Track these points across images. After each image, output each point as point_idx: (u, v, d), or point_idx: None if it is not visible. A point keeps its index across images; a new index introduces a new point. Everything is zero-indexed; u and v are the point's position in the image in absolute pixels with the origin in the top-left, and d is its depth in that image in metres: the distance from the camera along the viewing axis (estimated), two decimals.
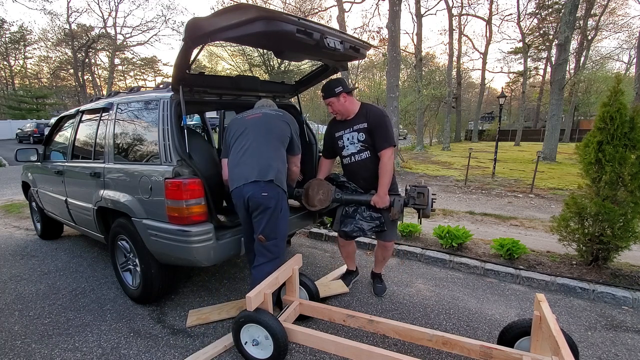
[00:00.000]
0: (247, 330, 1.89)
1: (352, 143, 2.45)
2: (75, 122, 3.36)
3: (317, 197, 2.51)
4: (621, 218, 2.71)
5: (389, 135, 2.37)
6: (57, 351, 2.11)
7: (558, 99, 12.93)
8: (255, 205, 2.05)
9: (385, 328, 1.93)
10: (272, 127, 2.21)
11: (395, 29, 9.33)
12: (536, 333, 1.67)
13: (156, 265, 2.43)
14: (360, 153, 2.44)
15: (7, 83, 36.68)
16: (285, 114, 2.32)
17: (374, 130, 2.36)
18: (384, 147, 2.35)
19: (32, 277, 3.20)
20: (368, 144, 2.40)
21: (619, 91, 2.72)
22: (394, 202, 2.32)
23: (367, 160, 2.44)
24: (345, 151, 2.49)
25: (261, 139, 2.16)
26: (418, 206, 2.29)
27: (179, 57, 2.05)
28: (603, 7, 24.03)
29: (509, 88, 38.24)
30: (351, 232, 2.45)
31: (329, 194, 2.48)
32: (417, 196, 2.31)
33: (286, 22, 1.82)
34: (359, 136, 2.41)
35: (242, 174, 2.08)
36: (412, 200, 2.30)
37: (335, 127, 2.54)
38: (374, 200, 2.36)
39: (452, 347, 1.75)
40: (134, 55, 35.32)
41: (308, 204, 2.55)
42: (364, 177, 2.49)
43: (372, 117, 2.37)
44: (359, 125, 2.41)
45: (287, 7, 16.32)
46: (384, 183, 2.33)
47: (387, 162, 2.34)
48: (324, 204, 2.48)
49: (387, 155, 2.35)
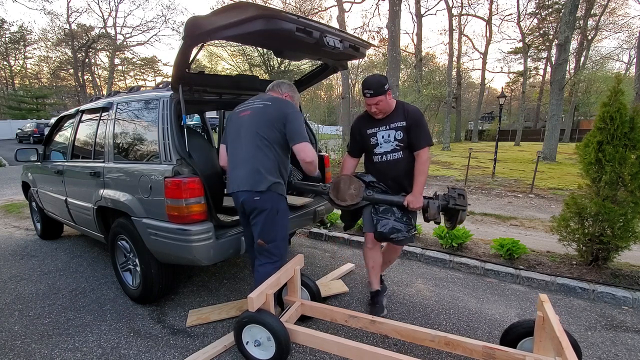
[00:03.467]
0: (249, 330, 1.88)
1: (388, 141, 2.30)
2: (75, 122, 3.36)
3: (349, 191, 2.35)
4: (621, 218, 2.71)
5: (427, 133, 2.29)
6: (57, 351, 2.11)
7: (558, 99, 12.93)
8: (250, 209, 2.03)
9: (388, 329, 1.92)
10: (261, 124, 2.04)
11: (395, 29, 9.33)
12: (539, 334, 1.66)
13: (156, 265, 2.42)
14: (394, 152, 2.30)
15: (7, 83, 36.69)
16: (276, 101, 2.10)
17: (412, 129, 2.24)
18: (422, 146, 2.25)
19: (32, 277, 3.20)
20: (404, 143, 2.27)
21: (619, 91, 2.72)
22: (429, 203, 2.20)
23: (400, 160, 2.30)
24: (378, 149, 2.33)
25: (250, 142, 2.03)
26: (459, 207, 2.17)
27: (178, 56, 2.05)
28: (603, 7, 24.04)
29: (509, 88, 38.24)
30: (389, 234, 2.25)
31: (360, 190, 2.33)
32: (457, 197, 2.20)
33: (285, 21, 1.82)
34: (396, 134, 2.27)
35: (235, 180, 2.05)
36: (453, 201, 2.19)
37: (367, 123, 2.36)
38: (408, 200, 2.22)
39: (454, 348, 1.74)
40: (134, 55, 35.37)
41: (337, 197, 2.38)
42: (394, 178, 2.35)
43: (410, 114, 2.26)
44: (397, 123, 2.26)
45: (287, 7, 16.32)
46: (420, 182, 2.23)
47: (426, 162, 2.25)
48: (355, 200, 2.33)
49: (426, 155, 2.26)
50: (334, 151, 10.63)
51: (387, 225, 2.27)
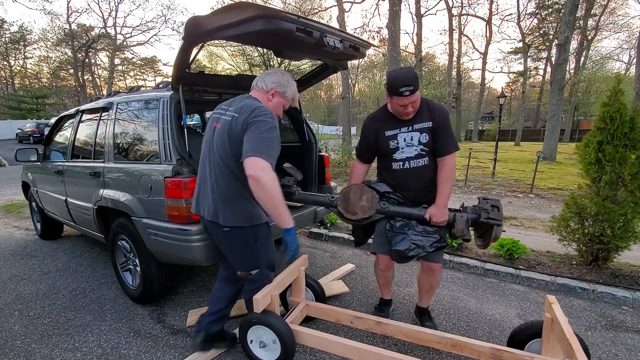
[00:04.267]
0: (255, 331, 1.87)
1: (411, 145, 1.98)
2: (75, 122, 3.36)
3: (360, 203, 2.01)
4: (621, 218, 2.71)
5: (454, 137, 2.01)
6: (57, 351, 2.11)
7: (558, 99, 12.93)
8: (219, 240, 1.82)
9: (393, 330, 1.91)
10: (226, 146, 1.66)
11: (395, 29, 9.33)
12: (547, 335, 1.65)
13: (156, 265, 2.42)
14: (417, 158, 1.98)
15: (7, 83, 36.72)
16: (244, 112, 1.63)
17: (439, 131, 1.94)
18: (450, 151, 1.96)
19: (32, 277, 3.20)
20: (429, 147, 1.97)
21: (619, 91, 2.72)
22: (455, 217, 1.90)
23: (424, 167, 1.99)
24: (399, 154, 2.00)
25: (214, 165, 1.72)
26: (493, 221, 1.85)
27: (178, 56, 2.04)
28: (603, 7, 24.05)
29: (509, 88, 38.26)
30: (407, 251, 1.90)
31: (373, 201, 2.00)
32: (491, 209, 1.88)
33: (285, 21, 1.81)
34: (421, 137, 1.95)
35: (199, 203, 1.80)
36: (486, 214, 1.86)
37: (385, 123, 2.03)
38: (431, 213, 1.90)
39: (461, 350, 1.73)
40: (134, 55, 35.43)
41: (347, 210, 2.04)
42: (415, 188, 2.03)
43: (437, 114, 1.95)
44: (422, 124, 1.95)
45: (287, 7, 16.32)
46: (445, 192, 1.93)
47: (452, 169, 1.97)
48: (367, 213, 1.99)
49: (452, 162, 1.97)
50: (334, 151, 10.63)
51: (404, 242, 1.92)
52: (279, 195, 1.52)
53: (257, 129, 1.56)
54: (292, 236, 1.58)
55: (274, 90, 1.77)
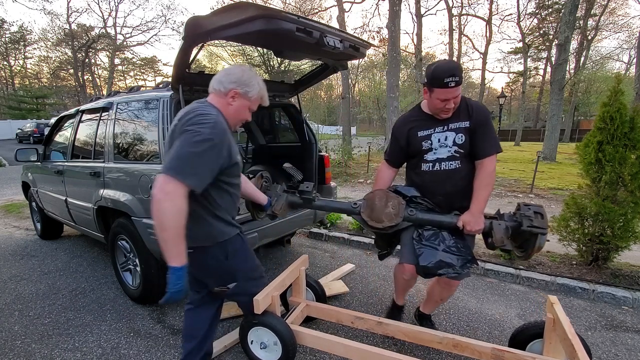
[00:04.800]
0: (255, 332, 1.87)
1: (444, 146, 1.82)
2: (75, 122, 3.36)
3: (386, 210, 1.85)
4: (621, 218, 2.71)
5: (495, 137, 1.82)
6: (57, 351, 2.11)
7: (558, 99, 12.93)
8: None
9: (394, 330, 1.91)
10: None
11: (395, 29, 9.33)
12: (549, 336, 1.65)
13: (156, 265, 2.42)
14: (450, 160, 1.82)
15: (7, 83, 36.74)
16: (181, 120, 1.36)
17: (478, 131, 1.78)
18: (490, 152, 1.78)
19: (32, 277, 3.20)
20: (465, 150, 1.80)
21: (619, 91, 2.72)
22: (493, 225, 1.70)
23: (457, 171, 1.83)
24: (431, 155, 1.85)
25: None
26: (537, 230, 1.64)
27: (178, 56, 2.05)
28: (603, 7, 24.04)
29: (509, 88, 38.27)
30: (436, 269, 1.73)
31: (400, 208, 1.83)
32: (534, 216, 1.66)
33: (286, 21, 1.82)
34: (456, 138, 1.79)
35: None
36: (529, 222, 1.66)
37: (418, 123, 1.88)
38: (464, 220, 1.72)
39: (462, 350, 1.73)
40: (134, 55, 35.43)
41: (371, 218, 1.88)
42: (446, 193, 1.86)
43: (476, 113, 1.78)
44: (458, 124, 1.79)
45: (287, 7, 16.32)
46: (481, 198, 1.74)
47: (492, 173, 1.78)
48: (393, 221, 1.82)
49: (492, 165, 1.78)
50: (334, 151, 10.64)
51: (433, 257, 1.75)
52: (173, 228, 1.25)
53: (184, 141, 1.28)
54: (175, 276, 1.29)
55: (233, 92, 1.44)
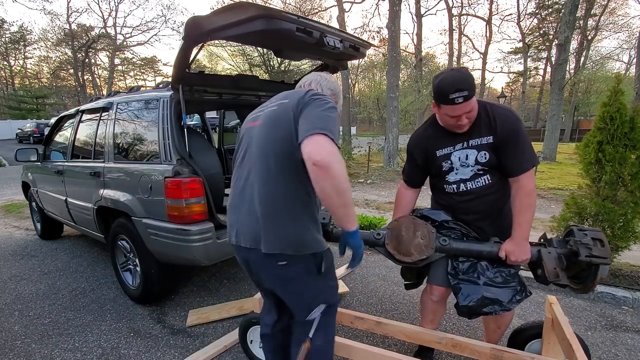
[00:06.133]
0: (254, 331, 1.87)
1: (466, 165, 1.59)
2: (75, 122, 3.36)
3: (415, 241, 1.62)
4: (621, 218, 2.71)
5: (530, 148, 1.51)
6: (57, 351, 2.11)
7: (558, 99, 12.93)
8: (267, 280, 1.35)
9: (394, 330, 1.91)
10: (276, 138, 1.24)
11: (395, 29, 9.33)
12: (548, 336, 1.65)
13: (156, 265, 2.43)
14: (475, 179, 1.59)
15: (7, 83, 36.73)
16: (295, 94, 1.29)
17: (507, 146, 1.50)
18: (525, 168, 1.49)
19: (32, 277, 3.20)
20: (491, 166, 1.56)
21: (619, 91, 2.72)
22: (541, 254, 1.47)
23: (486, 187, 1.59)
24: (452, 175, 1.64)
25: (259, 170, 1.26)
26: (598, 260, 1.38)
27: (178, 56, 2.05)
28: (603, 7, 24.05)
29: (509, 88, 38.28)
30: (480, 307, 1.52)
31: (430, 237, 1.60)
32: (592, 243, 1.41)
33: (286, 21, 1.82)
34: (479, 156, 1.55)
35: (234, 228, 1.33)
36: (587, 251, 1.40)
37: (434, 141, 1.65)
38: (507, 250, 1.48)
39: (462, 350, 1.72)
40: (134, 55, 35.44)
41: (399, 251, 1.64)
42: (476, 212, 1.65)
43: (501, 125, 1.50)
44: (479, 140, 1.55)
45: (287, 7, 16.33)
46: (524, 223, 1.49)
47: (531, 193, 1.49)
48: (424, 253, 1.58)
49: (531, 183, 1.49)
50: None
51: (474, 294, 1.52)
52: (350, 189, 1.12)
53: (318, 106, 1.19)
54: (359, 240, 1.26)
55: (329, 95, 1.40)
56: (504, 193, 1.59)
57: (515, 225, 1.51)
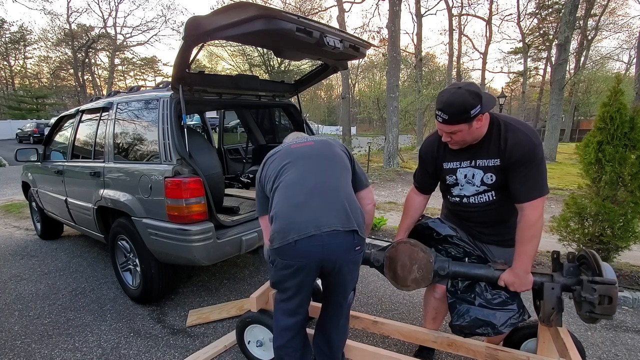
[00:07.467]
0: (251, 330, 1.88)
1: (472, 184, 1.56)
2: (75, 122, 3.36)
3: (412, 276, 1.66)
4: (621, 218, 2.71)
5: (541, 178, 1.41)
6: (57, 351, 2.11)
7: (558, 99, 12.94)
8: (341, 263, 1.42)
9: (390, 329, 1.91)
10: (333, 154, 1.57)
11: (395, 29, 9.34)
12: (543, 335, 1.65)
13: (156, 265, 2.43)
14: (478, 196, 1.58)
15: (7, 83, 36.71)
16: (336, 140, 1.70)
17: (515, 171, 1.42)
18: (531, 197, 1.40)
19: (32, 277, 3.20)
20: (498, 187, 1.52)
21: (619, 91, 2.72)
22: (544, 288, 1.45)
23: (489, 203, 1.57)
24: (457, 190, 1.63)
25: (328, 169, 1.50)
26: (597, 316, 1.33)
27: (178, 56, 2.05)
28: (603, 7, 24.03)
29: (509, 88, 38.27)
30: (473, 328, 1.55)
31: (427, 269, 1.61)
32: (599, 300, 1.32)
33: (286, 21, 1.82)
34: (485, 177, 1.52)
35: (309, 219, 1.37)
36: (588, 306, 1.34)
37: (443, 153, 1.63)
38: (507, 281, 1.49)
39: (457, 349, 1.73)
40: (134, 55, 35.43)
41: (396, 282, 1.72)
42: (481, 222, 1.65)
43: (510, 150, 1.42)
44: (487, 161, 1.49)
45: (287, 7, 16.33)
46: (525, 254, 1.45)
47: (536, 223, 1.40)
48: (422, 284, 1.65)
49: (538, 211, 1.40)
50: None
51: (467, 315, 1.55)
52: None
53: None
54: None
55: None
56: (511, 207, 1.50)
57: (515, 255, 1.48)
